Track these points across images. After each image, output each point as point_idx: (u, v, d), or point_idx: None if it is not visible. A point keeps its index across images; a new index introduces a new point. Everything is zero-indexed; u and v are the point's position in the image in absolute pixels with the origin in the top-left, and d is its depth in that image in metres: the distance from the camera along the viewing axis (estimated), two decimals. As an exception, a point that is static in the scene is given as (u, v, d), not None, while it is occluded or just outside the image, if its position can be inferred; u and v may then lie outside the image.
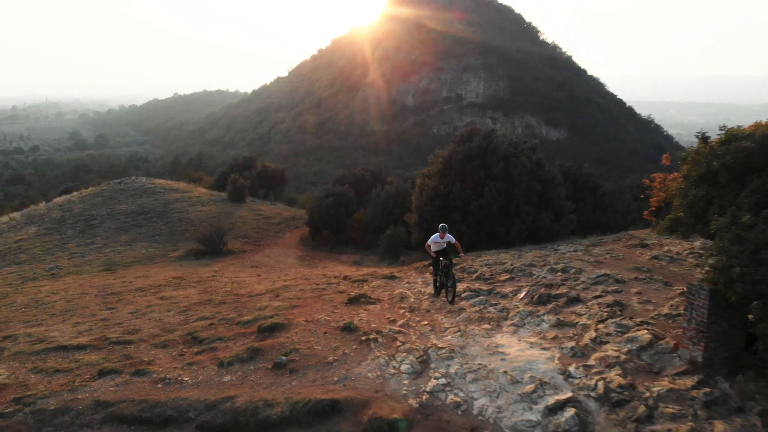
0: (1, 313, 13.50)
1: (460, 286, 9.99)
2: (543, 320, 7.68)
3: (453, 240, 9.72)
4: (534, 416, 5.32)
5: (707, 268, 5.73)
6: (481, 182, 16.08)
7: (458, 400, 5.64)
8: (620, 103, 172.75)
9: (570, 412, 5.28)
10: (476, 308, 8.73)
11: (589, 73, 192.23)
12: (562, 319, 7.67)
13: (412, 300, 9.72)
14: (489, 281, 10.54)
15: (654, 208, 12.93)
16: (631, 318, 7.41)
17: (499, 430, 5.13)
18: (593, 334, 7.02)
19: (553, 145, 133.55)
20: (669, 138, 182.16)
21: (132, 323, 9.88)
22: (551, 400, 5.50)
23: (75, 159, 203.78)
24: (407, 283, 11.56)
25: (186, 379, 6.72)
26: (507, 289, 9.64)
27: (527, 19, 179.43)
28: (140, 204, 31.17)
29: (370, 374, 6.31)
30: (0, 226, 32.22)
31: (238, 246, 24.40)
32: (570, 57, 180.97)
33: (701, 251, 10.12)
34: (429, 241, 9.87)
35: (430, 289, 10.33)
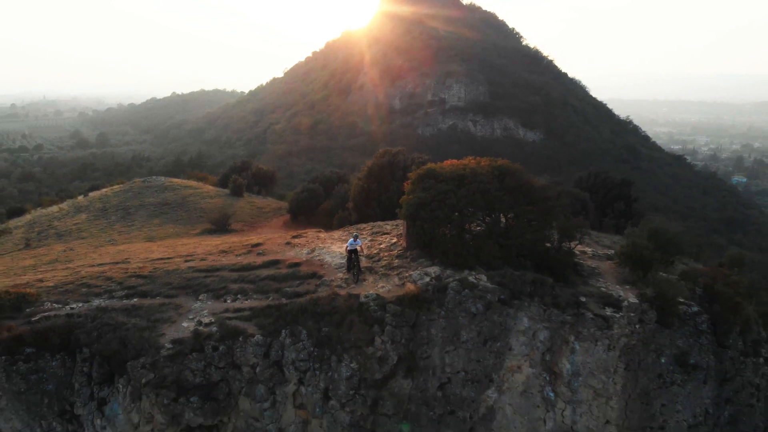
0: (102, 257, 23.83)
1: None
2: (366, 238, 18.23)
3: (360, 243, 17.68)
4: (342, 260, 15.83)
5: (404, 212, 16.13)
6: (388, 182, 26.42)
7: (319, 258, 16.17)
8: (598, 106, 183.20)
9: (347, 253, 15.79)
10: (344, 237, 19.32)
11: (571, 75, 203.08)
12: (371, 239, 18.20)
13: (323, 236, 20.31)
14: (362, 231, 20.99)
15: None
16: (385, 235, 17.90)
17: (329, 265, 15.62)
18: (377, 242, 17.52)
19: (529, 146, 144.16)
20: (646, 138, 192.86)
21: (190, 248, 20.35)
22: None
23: (79, 158, 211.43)
24: (327, 236, 22.14)
25: (222, 260, 17.19)
26: (364, 233, 20.16)
27: (511, 25, 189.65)
28: (163, 197, 41.58)
29: (290, 253, 16.84)
30: (54, 214, 42.55)
31: (238, 227, 34.79)
32: (551, 61, 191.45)
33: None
34: (347, 244, 16.56)
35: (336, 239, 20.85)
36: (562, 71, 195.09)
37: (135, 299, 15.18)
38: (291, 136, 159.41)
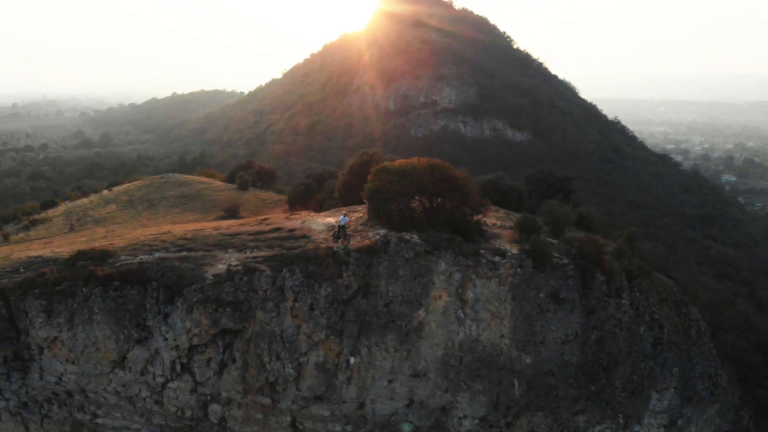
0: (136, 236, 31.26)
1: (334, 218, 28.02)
2: (345, 214, 25.74)
3: (348, 220, 26.29)
4: (325, 228, 23.25)
5: (365, 195, 23.49)
6: (365, 177, 33.82)
7: (308, 227, 23.63)
8: (586, 107, 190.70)
9: (335, 227, 23.14)
10: (328, 215, 26.82)
11: (562, 77, 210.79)
12: (348, 216, 25.71)
13: (312, 215, 27.81)
14: (340, 211, 28.49)
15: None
16: (356, 213, 25.38)
17: (315, 231, 23.07)
18: (351, 218, 24.98)
19: (516, 146, 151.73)
20: (633, 138, 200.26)
21: (214, 224, 27.84)
22: (332, 224, 23.38)
23: (84, 157, 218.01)
24: (315, 215, 29.63)
25: (241, 229, 24.65)
26: (342, 212, 27.66)
27: (502, 29, 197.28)
28: (181, 191, 49.04)
29: (289, 224, 24.30)
30: (86, 205, 49.96)
31: (246, 215, 42.23)
32: (541, 64, 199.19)
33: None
34: (339, 220, 25.81)
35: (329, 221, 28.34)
36: (553, 74, 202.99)
37: (184, 252, 22.67)
38: (290, 136, 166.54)
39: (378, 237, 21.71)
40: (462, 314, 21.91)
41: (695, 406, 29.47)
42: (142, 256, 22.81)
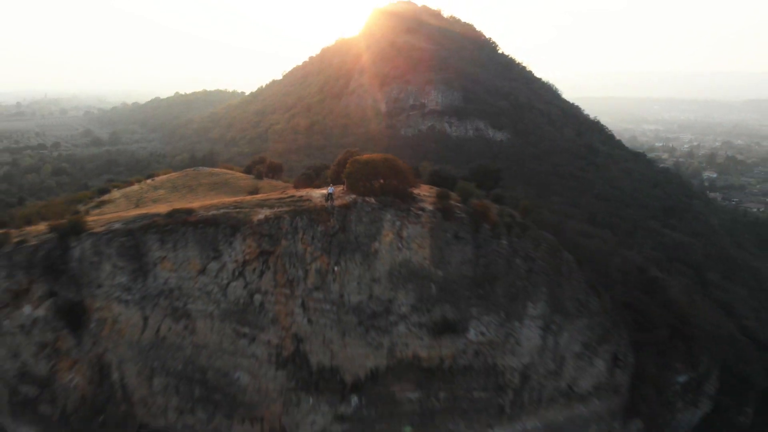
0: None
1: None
2: (332, 186, 41.86)
3: (334, 190, 42.20)
4: (320, 195, 39.41)
5: (344, 176, 39.48)
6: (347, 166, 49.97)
7: (309, 195, 39.83)
8: (566, 108, 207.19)
9: (326, 194, 39.25)
10: (322, 190, 43.02)
11: (545, 80, 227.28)
12: (334, 186, 41.80)
13: (312, 190, 43.97)
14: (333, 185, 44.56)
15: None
16: (339, 187, 41.50)
17: (313, 197, 39.20)
18: (337, 189, 41.13)
19: (497, 145, 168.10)
20: (611, 137, 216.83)
21: (250, 197, 44.01)
22: (324, 193, 39.53)
23: (97, 155, 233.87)
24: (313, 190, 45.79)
25: (268, 197, 40.77)
26: (331, 185, 43.77)
27: (488, 35, 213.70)
28: (212, 180, 65.09)
29: (298, 194, 40.48)
30: (139, 190, 65.95)
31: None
32: (524, 68, 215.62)
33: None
34: (327, 190, 42.14)
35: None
36: (536, 77, 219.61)
37: (237, 209, 38.86)
38: (290, 135, 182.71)
39: (351, 200, 37.96)
40: (400, 245, 38.09)
41: (564, 317, 45.83)
42: (213, 211, 39.00)
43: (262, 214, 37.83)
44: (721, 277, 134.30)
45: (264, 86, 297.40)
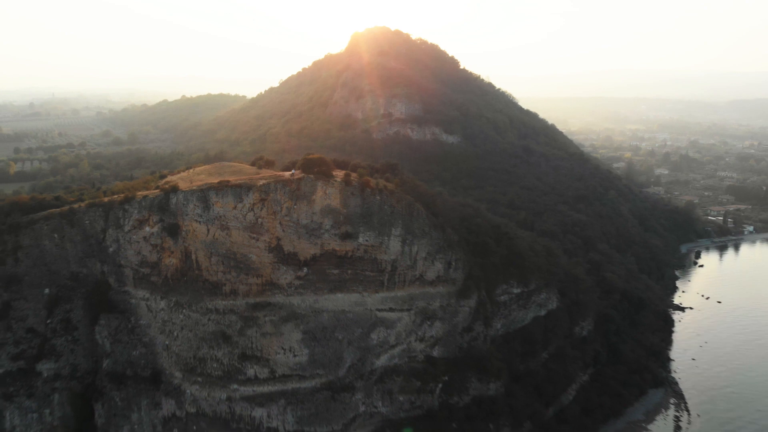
0: None
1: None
2: (293, 171, 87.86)
3: (294, 171, 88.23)
4: (290, 174, 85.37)
5: (299, 164, 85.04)
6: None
7: (282, 173, 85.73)
8: (515, 116, 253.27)
9: (292, 173, 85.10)
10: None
11: (502, 90, 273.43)
12: (294, 170, 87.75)
13: (286, 172, 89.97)
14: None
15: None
16: (298, 170, 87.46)
17: (285, 176, 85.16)
18: (296, 172, 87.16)
19: (449, 146, 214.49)
20: (554, 139, 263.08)
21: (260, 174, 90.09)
22: (291, 172, 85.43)
23: (120, 153, 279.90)
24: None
25: (266, 174, 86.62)
26: (292, 170, 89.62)
27: (450, 54, 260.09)
28: (232, 169, 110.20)
29: (279, 173, 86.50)
30: (188, 175, 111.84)
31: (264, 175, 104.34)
32: (482, 80, 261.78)
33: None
34: (292, 171, 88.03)
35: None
36: (495, 88, 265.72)
37: (249, 180, 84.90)
38: (285, 137, 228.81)
39: (302, 176, 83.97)
40: (325, 196, 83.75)
41: (414, 237, 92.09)
42: (238, 181, 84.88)
43: (261, 182, 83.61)
44: (608, 247, 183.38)
45: (263, 92, 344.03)
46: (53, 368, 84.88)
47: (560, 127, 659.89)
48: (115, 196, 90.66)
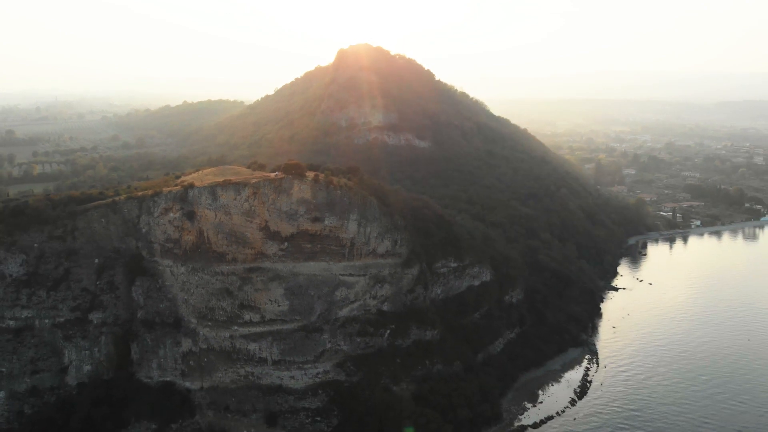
0: None
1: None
2: (277, 172, 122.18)
3: (278, 172, 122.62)
4: (275, 174, 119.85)
5: (282, 167, 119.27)
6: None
7: (273, 174, 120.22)
8: (482, 123, 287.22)
9: (277, 172, 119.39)
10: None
11: (473, 98, 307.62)
12: (278, 172, 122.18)
13: (273, 173, 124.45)
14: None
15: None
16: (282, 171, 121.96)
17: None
18: (281, 173, 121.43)
19: (420, 150, 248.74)
20: (519, 143, 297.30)
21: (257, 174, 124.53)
22: (276, 172, 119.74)
23: (131, 156, 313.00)
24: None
25: (262, 173, 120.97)
26: (276, 171, 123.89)
27: (426, 67, 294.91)
28: (233, 170, 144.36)
29: (269, 174, 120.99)
30: (198, 175, 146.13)
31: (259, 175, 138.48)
32: (454, 89, 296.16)
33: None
34: (276, 172, 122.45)
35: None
36: (463, 100, 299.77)
37: (245, 179, 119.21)
38: (278, 143, 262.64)
39: (283, 176, 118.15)
40: (300, 190, 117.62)
41: (367, 221, 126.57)
42: (237, 179, 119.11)
43: (254, 180, 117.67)
44: (551, 236, 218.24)
45: (260, 99, 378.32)
46: (101, 317, 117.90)
47: (548, 129, 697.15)
48: (147, 191, 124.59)
